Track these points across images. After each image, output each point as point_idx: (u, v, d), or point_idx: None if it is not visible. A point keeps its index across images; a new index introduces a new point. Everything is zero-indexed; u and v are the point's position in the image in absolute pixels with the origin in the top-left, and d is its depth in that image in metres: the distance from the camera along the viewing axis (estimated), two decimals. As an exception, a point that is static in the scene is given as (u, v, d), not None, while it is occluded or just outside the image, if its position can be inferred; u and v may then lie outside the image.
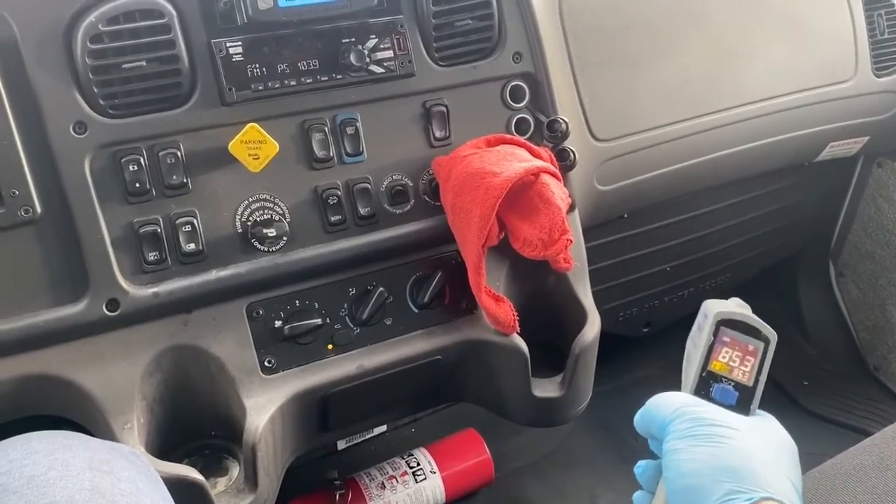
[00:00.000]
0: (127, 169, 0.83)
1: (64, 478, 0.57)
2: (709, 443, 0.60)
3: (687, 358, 0.70)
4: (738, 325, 0.67)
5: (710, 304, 0.69)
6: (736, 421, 0.62)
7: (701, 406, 0.63)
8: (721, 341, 0.66)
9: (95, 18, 0.80)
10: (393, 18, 0.94)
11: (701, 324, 0.69)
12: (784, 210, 1.60)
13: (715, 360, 0.66)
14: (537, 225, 0.90)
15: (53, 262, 0.82)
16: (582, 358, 0.99)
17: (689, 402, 0.64)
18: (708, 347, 0.66)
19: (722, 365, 0.66)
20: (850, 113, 1.38)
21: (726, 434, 0.60)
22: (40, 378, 0.82)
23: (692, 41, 1.19)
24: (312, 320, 0.92)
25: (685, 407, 0.63)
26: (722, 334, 0.66)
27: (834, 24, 1.33)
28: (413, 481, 1.32)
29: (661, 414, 0.64)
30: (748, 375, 0.66)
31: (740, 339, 0.67)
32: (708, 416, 0.62)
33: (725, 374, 0.66)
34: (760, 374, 0.66)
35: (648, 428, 0.65)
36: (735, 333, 0.67)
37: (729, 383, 0.66)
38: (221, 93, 0.86)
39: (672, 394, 0.66)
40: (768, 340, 0.67)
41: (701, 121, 1.21)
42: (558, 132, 1.00)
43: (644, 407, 0.66)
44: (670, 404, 0.64)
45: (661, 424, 0.63)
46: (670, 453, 0.61)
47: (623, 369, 1.69)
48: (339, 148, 0.93)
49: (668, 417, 0.63)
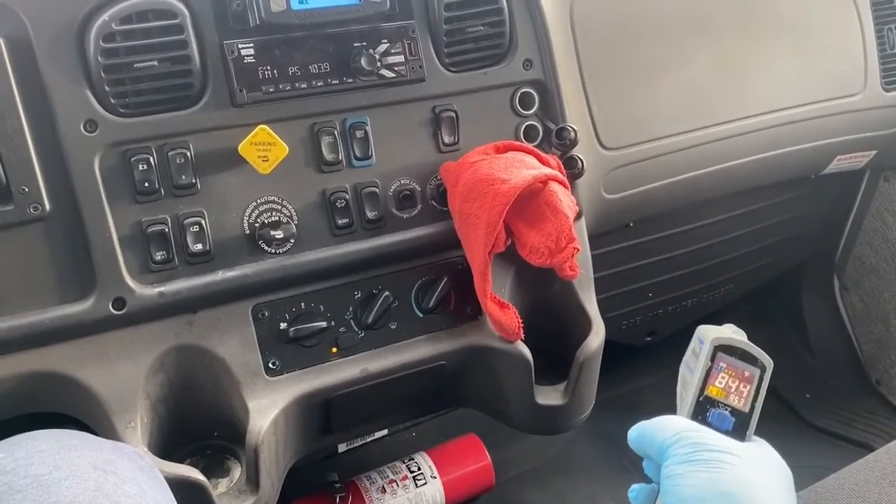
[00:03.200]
0: (136, 168, 0.83)
1: (69, 477, 0.57)
2: (709, 468, 0.60)
3: (682, 382, 0.70)
4: (734, 351, 0.67)
5: (705, 330, 0.69)
6: (735, 447, 0.62)
7: (701, 431, 0.63)
8: (718, 367, 0.67)
9: (109, 17, 0.80)
10: (405, 23, 0.94)
11: (696, 349, 0.69)
12: (789, 222, 1.60)
13: (712, 385, 0.66)
14: (544, 232, 0.90)
15: (61, 260, 0.82)
16: (586, 366, 0.99)
17: (689, 426, 0.64)
18: (705, 372, 0.66)
19: (718, 390, 0.66)
20: (858, 126, 1.38)
21: (727, 460, 0.60)
22: (45, 375, 0.82)
23: (702, 52, 1.19)
24: (317, 323, 0.92)
25: (685, 431, 0.63)
26: (719, 360, 0.67)
27: (844, 37, 1.33)
28: (413, 485, 1.32)
29: (660, 437, 0.63)
30: (744, 401, 0.66)
31: (737, 365, 0.67)
32: (708, 442, 0.62)
33: (722, 400, 0.66)
34: (757, 401, 0.66)
35: (645, 449, 0.65)
36: (732, 359, 0.67)
37: (725, 409, 0.66)
38: (232, 94, 0.87)
39: (671, 417, 0.66)
40: (765, 367, 0.67)
41: (709, 131, 1.21)
42: (567, 140, 1.00)
43: (641, 427, 0.66)
44: (670, 428, 0.64)
45: (661, 448, 0.63)
46: (671, 478, 0.61)
47: (625, 378, 1.69)
48: (347, 151, 0.93)
49: (668, 441, 0.63)
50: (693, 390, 0.67)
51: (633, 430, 0.67)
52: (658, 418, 0.66)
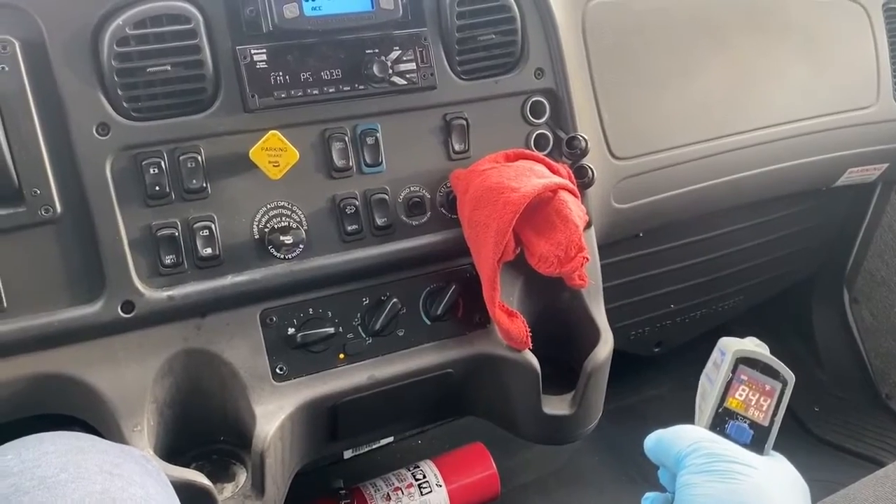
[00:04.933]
0: (147, 172, 0.83)
1: (76, 480, 0.57)
2: (726, 479, 0.60)
3: (701, 393, 0.69)
4: (756, 364, 0.67)
5: (727, 342, 0.69)
6: (753, 459, 0.62)
7: (718, 442, 0.63)
8: (739, 379, 0.66)
9: (123, 22, 0.81)
10: (417, 31, 0.94)
11: (717, 360, 0.69)
12: (800, 234, 1.59)
13: (731, 397, 0.66)
14: (554, 241, 0.90)
15: (71, 262, 0.82)
16: (594, 377, 0.99)
17: (706, 437, 0.63)
18: (725, 384, 0.66)
19: (738, 402, 0.66)
20: (871, 139, 1.37)
21: (743, 472, 0.60)
22: (53, 377, 0.83)
23: (714, 63, 1.19)
24: (325, 329, 0.92)
25: (702, 442, 0.62)
26: (740, 372, 0.66)
27: (857, 49, 1.33)
28: (418, 494, 1.32)
29: (677, 446, 0.63)
30: (764, 415, 0.66)
31: (758, 378, 0.66)
32: (725, 453, 0.61)
33: (741, 412, 0.66)
34: (776, 415, 0.66)
35: (662, 458, 0.65)
36: (753, 372, 0.66)
37: (744, 421, 0.66)
38: (244, 99, 0.87)
39: (689, 427, 0.65)
40: (786, 382, 0.67)
41: (720, 142, 1.21)
42: (577, 149, 1.00)
43: (659, 436, 0.66)
44: (687, 438, 0.63)
45: (677, 457, 0.63)
46: (686, 487, 0.60)
47: (633, 388, 1.69)
48: (358, 158, 0.93)
49: (685, 451, 0.62)
50: (712, 401, 0.66)
51: (649, 439, 0.67)
52: (675, 427, 0.65)
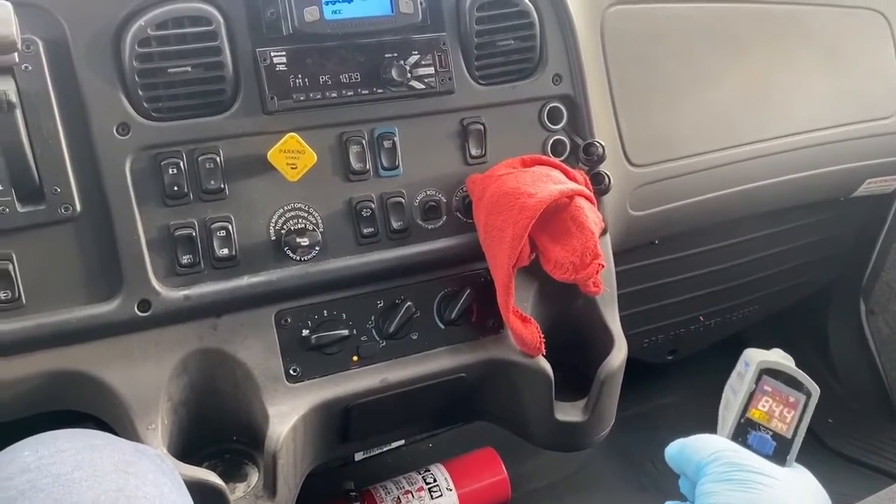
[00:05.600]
0: (166, 172, 0.84)
1: (90, 478, 0.58)
2: (746, 489, 0.59)
3: (725, 403, 0.69)
4: (780, 375, 0.67)
5: (752, 353, 0.69)
6: (774, 470, 0.62)
7: (740, 452, 0.63)
8: (762, 390, 0.66)
9: (145, 23, 0.81)
10: (436, 35, 0.94)
11: (742, 371, 0.68)
12: (816, 244, 1.58)
13: (755, 407, 0.66)
14: (569, 248, 0.90)
15: (89, 261, 0.83)
16: (607, 384, 0.98)
17: (728, 446, 0.63)
18: (748, 394, 0.66)
19: (761, 413, 0.66)
20: (890, 150, 1.36)
21: (764, 482, 0.60)
22: (69, 374, 0.83)
23: (733, 71, 1.18)
24: (339, 331, 0.92)
25: (724, 451, 0.62)
26: (763, 383, 0.66)
27: (877, 59, 1.32)
28: (429, 497, 1.31)
29: (698, 455, 0.63)
30: (787, 427, 0.66)
31: (782, 389, 0.66)
32: (746, 463, 0.61)
33: (764, 423, 0.65)
34: (800, 427, 0.66)
35: (683, 467, 0.65)
36: (777, 383, 0.66)
37: (767, 432, 0.65)
38: (263, 101, 0.87)
39: (711, 436, 0.65)
40: (810, 394, 0.66)
41: (738, 151, 1.20)
42: (594, 156, 1.00)
43: (681, 445, 0.65)
44: (708, 447, 0.63)
45: (698, 466, 0.62)
46: (706, 496, 0.60)
47: (645, 396, 1.68)
48: (375, 161, 0.93)
49: (705, 460, 0.62)
50: (735, 411, 0.66)
51: (671, 447, 0.67)
52: (697, 436, 0.65)
